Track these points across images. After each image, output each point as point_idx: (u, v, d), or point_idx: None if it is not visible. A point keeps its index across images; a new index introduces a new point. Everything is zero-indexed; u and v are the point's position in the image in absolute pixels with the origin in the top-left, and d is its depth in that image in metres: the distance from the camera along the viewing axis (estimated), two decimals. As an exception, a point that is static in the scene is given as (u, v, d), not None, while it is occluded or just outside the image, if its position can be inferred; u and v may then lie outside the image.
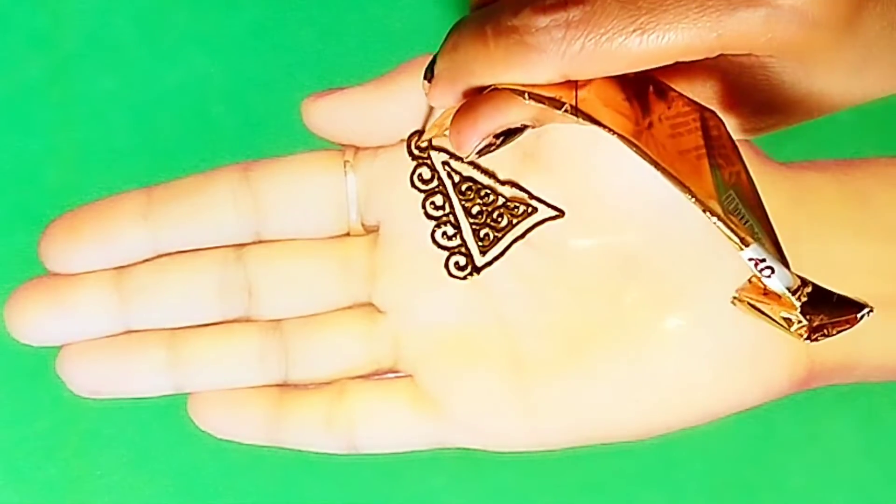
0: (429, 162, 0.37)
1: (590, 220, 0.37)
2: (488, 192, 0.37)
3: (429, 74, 0.32)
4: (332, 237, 0.38)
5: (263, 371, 0.38)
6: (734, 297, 0.30)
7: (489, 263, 0.37)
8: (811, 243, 0.36)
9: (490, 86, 0.30)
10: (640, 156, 0.28)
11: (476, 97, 0.30)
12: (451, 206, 0.37)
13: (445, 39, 0.31)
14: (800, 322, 0.29)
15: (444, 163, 0.37)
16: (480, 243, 0.37)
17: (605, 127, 0.29)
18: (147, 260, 0.38)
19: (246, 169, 0.37)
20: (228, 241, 0.38)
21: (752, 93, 0.31)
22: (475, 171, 0.37)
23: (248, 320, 0.38)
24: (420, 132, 0.36)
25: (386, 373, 0.38)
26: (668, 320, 0.37)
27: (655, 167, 0.28)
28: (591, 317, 0.37)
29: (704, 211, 0.28)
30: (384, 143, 0.37)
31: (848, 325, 0.30)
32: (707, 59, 0.29)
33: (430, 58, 0.32)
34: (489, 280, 0.37)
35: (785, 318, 0.29)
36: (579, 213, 0.37)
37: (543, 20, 0.28)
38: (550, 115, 0.30)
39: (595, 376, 0.37)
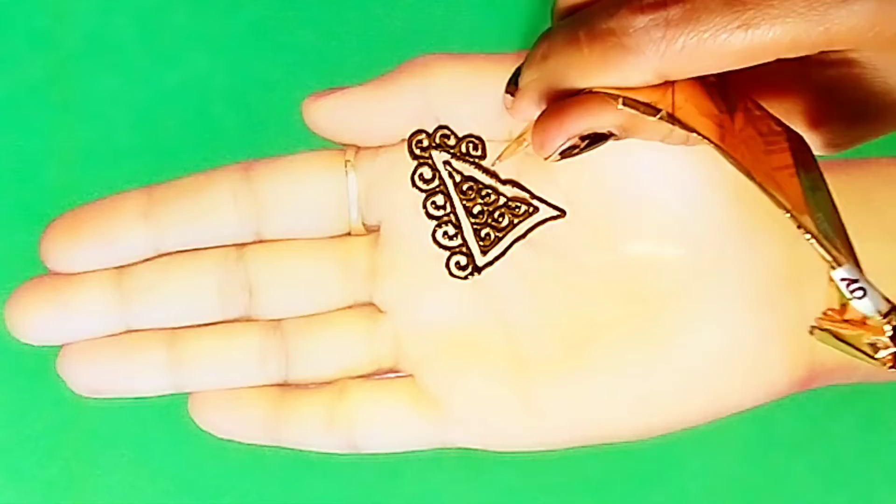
0: (430, 162, 0.37)
1: (591, 219, 0.37)
2: (489, 191, 0.37)
3: (511, 87, 0.31)
4: (332, 237, 0.38)
5: (264, 371, 0.38)
6: (812, 327, 0.29)
7: (490, 263, 0.37)
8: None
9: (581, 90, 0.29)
10: (737, 167, 0.28)
11: (564, 100, 0.30)
12: (453, 206, 0.37)
13: (533, 50, 0.30)
14: (886, 347, 0.28)
15: (446, 162, 0.37)
16: (481, 243, 0.37)
17: (703, 135, 0.28)
18: (148, 259, 0.38)
19: (247, 168, 0.37)
20: (229, 240, 0.38)
21: (845, 104, 0.30)
22: (476, 170, 0.37)
23: (248, 320, 0.38)
24: (479, 143, 0.37)
25: (386, 372, 0.38)
26: (668, 320, 0.37)
27: (752, 179, 0.28)
28: (592, 317, 0.37)
29: (800, 227, 0.28)
30: (385, 142, 0.37)
31: None
32: (802, 73, 0.29)
33: (513, 70, 0.32)
34: (490, 280, 0.37)
35: (870, 345, 0.29)
36: (580, 212, 0.37)
37: (641, 20, 0.27)
38: (640, 125, 0.29)
39: (595, 376, 0.37)
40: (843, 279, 0.28)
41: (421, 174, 0.37)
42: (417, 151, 0.37)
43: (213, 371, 0.37)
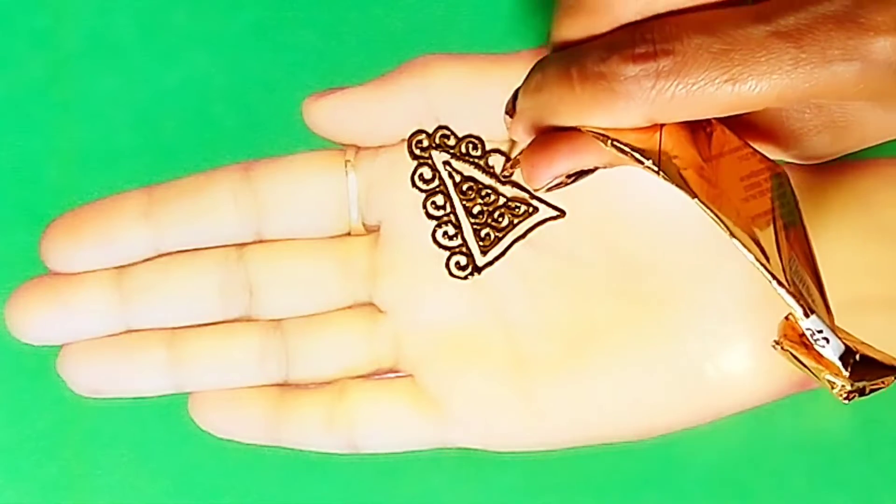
0: (430, 162, 0.37)
1: (591, 220, 0.37)
2: (489, 191, 0.37)
3: (510, 108, 0.32)
4: (332, 237, 0.38)
5: (264, 370, 0.38)
6: (775, 342, 0.30)
7: (490, 263, 0.37)
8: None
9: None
10: (716, 222, 0.29)
11: (554, 134, 0.30)
12: (452, 206, 0.37)
13: (528, 77, 0.31)
14: (843, 386, 0.30)
15: (446, 163, 0.37)
16: (481, 243, 0.37)
17: (687, 190, 0.29)
18: (148, 259, 0.38)
19: (247, 168, 0.37)
20: (229, 240, 0.38)
21: (826, 128, 0.31)
22: (476, 171, 0.37)
23: (248, 320, 0.38)
24: (507, 158, 0.37)
25: (386, 372, 0.38)
26: (668, 321, 0.37)
27: (728, 232, 0.29)
28: (592, 317, 0.37)
29: (774, 281, 0.29)
30: (385, 142, 0.37)
31: (883, 386, 0.30)
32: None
33: (513, 92, 0.32)
34: (490, 280, 0.37)
35: (829, 381, 0.30)
36: (580, 212, 0.37)
37: (632, 69, 0.28)
38: (624, 162, 0.30)
39: (595, 376, 0.37)
40: (808, 328, 0.29)
41: (421, 174, 0.37)
42: (417, 151, 0.37)
43: (214, 371, 0.38)
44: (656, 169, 0.29)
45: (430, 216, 0.37)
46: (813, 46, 0.27)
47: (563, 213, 0.37)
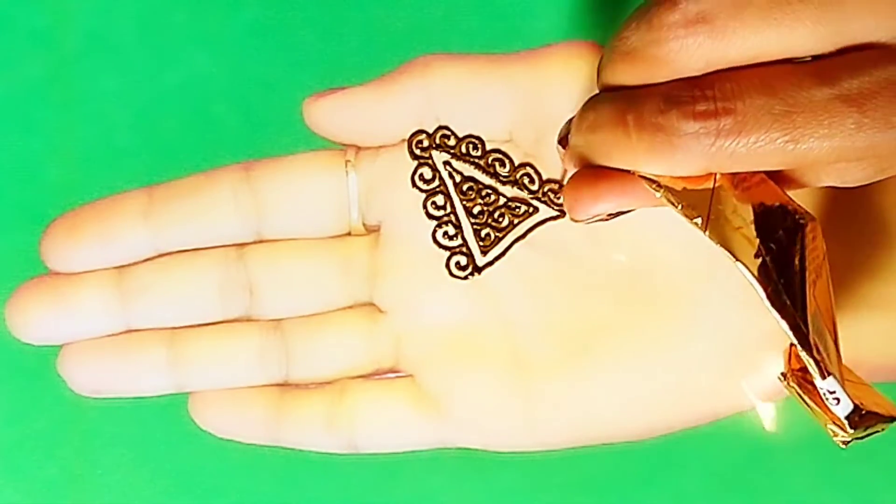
0: (430, 162, 0.37)
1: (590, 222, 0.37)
2: (490, 192, 0.37)
3: (564, 141, 0.32)
4: (333, 237, 0.38)
5: (264, 370, 0.38)
6: (782, 375, 0.31)
7: (490, 263, 0.37)
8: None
9: None
10: (754, 287, 0.29)
11: (603, 171, 0.30)
12: (453, 206, 0.37)
13: (581, 114, 0.30)
14: (842, 437, 0.31)
15: (446, 163, 0.37)
16: (481, 243, 0.37)
17: (731, 254, 0.29)
18: (148, 259, 0.38)
19: (247, 168, 0.37)
20: (229, 240, 0.38)
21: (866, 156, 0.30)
22: (477, 171, 0.37)
23: (248, 320, 0.38)
24: (560, 185, 0.37)
25: (387, 372, 0.38)
26: (668, 321, 0.37)
27: (768, 302, 0.29)
28: (592, 317, 0.37)
29: (802, 346, 0.29)
30: (385, 142, 0.37)
31: (879, 432, 0.31)
32: None
33: (565, 123, 0.32)
34: (490, 280, 0.37)
35: (831, 430, 0.31)
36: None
37: (693, 126, 0.28)
38: (670, 207, 0.30)
39: (596, 377, 0.37)
40: (821, 388, 0.30)
41: (421, 174, 0.37)
42: (418, 152, 0.37)
43: (214, 371, 0.38)
44: (703, 228, 0.29)
45: (430, 216, 0.37)
46: (876, 112, 0.27)
47: (563, 213, 0.37)
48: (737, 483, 0.42)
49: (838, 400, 0.30)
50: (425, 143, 0.37)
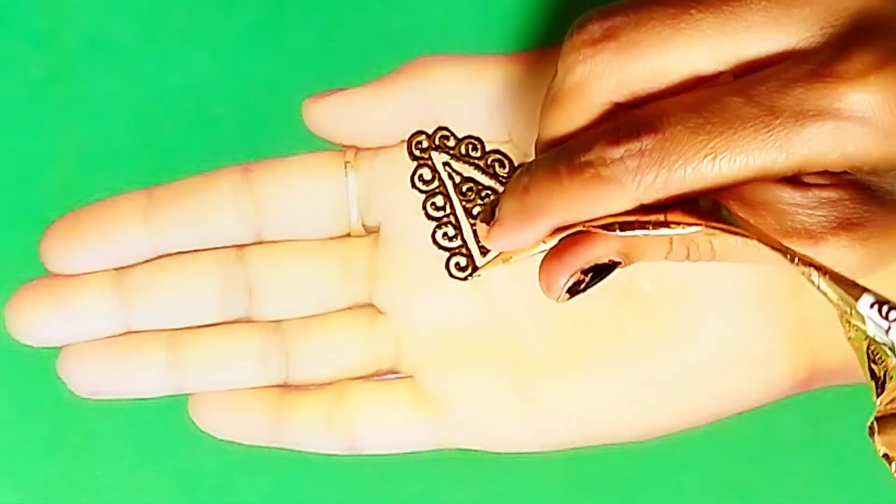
0: (430, 163, 0.37)
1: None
2: (489, 192, 0.37)
3: (488, 217, 0.31)
4: (332, 238, 0.38)
5: (264, 372, 0.38)
6: (870, 426, 0.28)
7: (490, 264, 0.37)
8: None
9: (569, 227, 0.30)
10: (735, 234, 0.28)
11: (561, 242, 0.30)
12: (452, 207, 0.37)
13: (512, 182, 0.31)
14: None
15: (445, 164, 0.37)
16: (481, 244, 0.37)
17: (694, 225, 0.28)
18: (148, 261, 0.38)
19: (246, 170, 0.38)
20: (229, 241, 0.38)
21: (842, 228, 0.29)
22: (476, 171, 0.37)
23: (248, 321, 0.38)
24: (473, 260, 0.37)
25: (386, 373, 0.38)
26: (668, 321, 0.37)
27: (769, 245, 0.28)
28: (592, 317, 0.37)
29: (811, 266, 0.27)
30: (385, 143, 0.37)
31: None
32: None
33: (490, 202, 0.32)
34: (490, 281, 0.37)
35: None
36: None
37: (617, 151, 0.28)
38: (640, 248, 0.30)
39: (596, 377, 0.37)
40: (872, 304, 0.27)
41: (420, 175, 0.37)
42: (417, 152, 0.37)
43: (213, 372, 0.38)
44: (665, 226, 0.28)
45: (429, 217, 0.37)
46: (785, 111, 0.27)
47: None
48: (737, 483, 0.42)
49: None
50: (425, 144, 0.37)
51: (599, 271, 0.31)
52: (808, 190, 0.28)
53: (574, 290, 0.31)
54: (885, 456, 0.28)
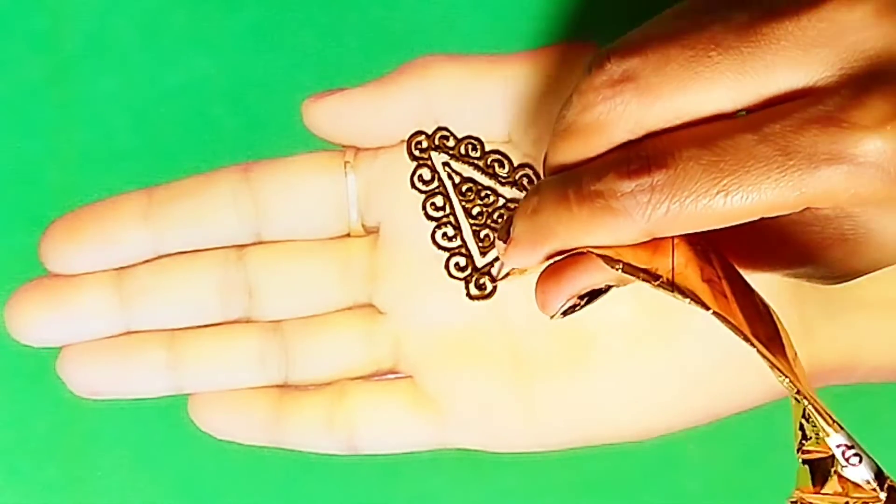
0: (429, 163, 0.37)
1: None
2: (489, 193, 0.37)
3: (504, 235, 0.32)
4: (332, 238, 0.38)
5: (264, 372, 0.38)
6: (791, 502, 0.30)
7: (490, 264, 0.37)
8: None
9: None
10: (735, 332, 0.28)
11: (561, 261, 0.30)
12: (452, 207, 0.37)
13: (523, 203, 0.31)
14: None
15: (445, 164, 0.37)
16: (481, 244, 0.37)
17: (701, 304, 0.28)
18: (147, 261, 0.38)
19: (246, 170, 0.38)
20: (229, 242, 0.38)
21: (837, 243, 0.30)
22: (476, 172, 0.37)
23: (248, 321, 0.38)
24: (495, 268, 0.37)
25: (386, 373, 0.38)
26: (668, 321, 0.37)
27: (751, 345, 0.29)
28: (592, 318, 0.37)
29: (802, 397, 0.28)
30: (385, 143, 0.37)
31: None
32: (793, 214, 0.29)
33: (506, 219, 0.32)
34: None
35: None
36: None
37: (628, 185, 0.28)
38: (634, 281, 0.30)
39: (595, 377, 0.37)
40: (838, 445, 0.28)
41: (420, 175, 0.37)
42: (417, 153, 0.37)
43: (213, 372, 0.38)
44: (669, 287, 0.29)
45: (429, 217, 0.37)
46: (799, 153, 0.27)
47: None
48: (737, 483, 0.42)
49: (859, 457, 0.28)
50: (424, 144, 0.37)
51: (594, 294, 0.31)
52: (804, 211, 0.28)
53: (569, 312, 0.31)
54: None
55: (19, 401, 0.40)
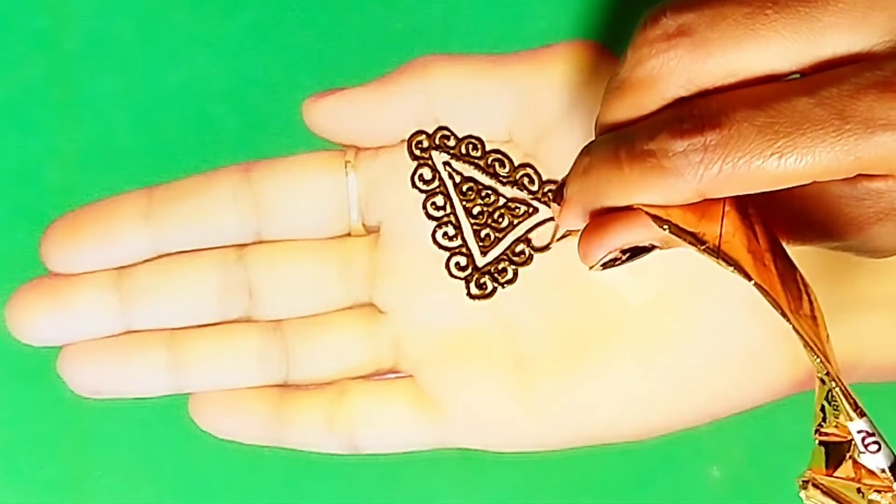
0: (430, 162, 0.37)
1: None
2: (489, 192, 0.37)
3: (558, 197, 0.32)
4: (332, 237, 0.38)
5: (264, 371, 0.38)
6: (803, 482, 0.30)
7: (490, 264, 0.37)
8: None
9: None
10: (774, 307, 0.28)
11: (610, 214, 0.30)
12: (452, 207, 0.37)
13: (575, 163, 0.31)
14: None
15: (446, 163, 0.37)
16: (481, 244, 0.37)
17: (744, 274, 0.28)
18: (148, 260, 0.38)
19: (247, 169, 0.38)
20: (229, 241, 0.38)
21: (888, 217, 0.30)
22: (476, 171, 0.37)
23: (248, 320, 0.38)
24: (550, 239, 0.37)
25: (386, 373, 0.38)
26: (669, 321, 0.37)
27: (787, 321, 0.28)
28: (592, 318, 0.37)
29: (830, 379, 0.28)
30: (385, 143, 0.37)
31: None
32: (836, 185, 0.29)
33: (560, 181, 0.32)
34: (490, 280, 0.37)
35: (871, 502, 0.29)
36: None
37: (680, 144, 0.28)
38: (679, 240, 0.30)
39: (596, 377, 0.37)
40: (860, 431, 0.28)
41: (421, 175, 0.37)
42: (417, 152, 0.37)
43: (214, 372, 0.38)
44: (714, 254, 0.28)
45: (430, 217, 0.37)
46: (856, 117, 0.27)
47: (562, 214, 0.37)
48: (737, 483, 0.42)
49: (878, 445, 0.28)
50: (425, 144, 0.37)
51: (637, 251, 0.30)
52: (856, 182, 0.28)
53: (609, 265, 0.31)
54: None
55: (20, 400, 0.40)
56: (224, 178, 0.37)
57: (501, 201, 0.37)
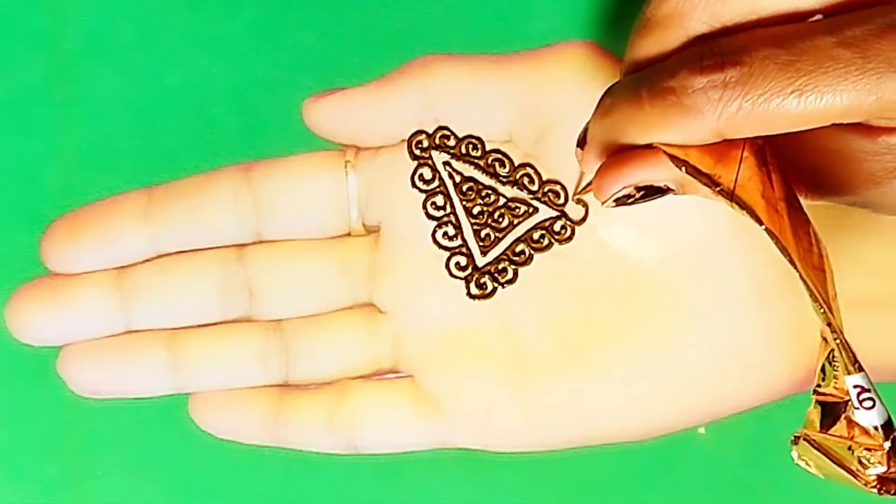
0: (430, 162, 0.37)
1: (590, 220, 0.37)
2: (489, 192, 0.37)
3: (581, 142, 0.32)
4: (332, 237, 0.38)
5: (264, 371, 0.38)
6: (795, 437, 0.30)
7: (490, 264, 0.37)
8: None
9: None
10: (784, 254, 0.28)
11: (629, 151, 0.30)
12: (453, 207, 0.37)
13: (597, 106, 0.30)
14: (878, 464, 0.28)
15: (446, 163, 0.37)
16: (481, 243, 0.37)
17: (756, 218, 0.28)
18: (148, 260, 0.38)
19: (247, 169, 0.38)
20: (229, 241, 0.38)
21: (894, 173, 0.30)
22: (476, 171, 0.37)
23: (248, 320, 0.38)
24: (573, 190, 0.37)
25: (387, 373, 0.38)
26: (668, 321, 0.37)
27: (796, 269, 0.28)
28: (592, 317, 0.37)
29: (832, 331, 0.28)
30: (385, 143, 0.37)
31: None
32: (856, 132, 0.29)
33: (583, 126, 0.32)
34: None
35: (861, 460, 0.29)
36: (579, 213, 0.37)
37: (700, 81, 0.28)
38: (695, 186, 0.30)
39: (595, 377, 0.37)
40: (855, 385, 0.28)
41: (421, 175, 0.37)
42: (417, 152, 0.37)
43: (213, 372, 0.38)
44: (728, 197, 0.28)
45: (430, 216, 0.37)
46: (879, 56, 0.27)
47: (563, 214, 0.37)
48: (737, 483, 0.42)
49: (872, 402, 0.28)
50: (425, 144, 0.37)
51: (652, 192, 0.30)
52: (876, 136, 0.28)
53: (622, 202, 0.31)
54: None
55: (20, 400, 0.40)
56: (224, 178, 0.37)
57: (501, 201, 0.37)
